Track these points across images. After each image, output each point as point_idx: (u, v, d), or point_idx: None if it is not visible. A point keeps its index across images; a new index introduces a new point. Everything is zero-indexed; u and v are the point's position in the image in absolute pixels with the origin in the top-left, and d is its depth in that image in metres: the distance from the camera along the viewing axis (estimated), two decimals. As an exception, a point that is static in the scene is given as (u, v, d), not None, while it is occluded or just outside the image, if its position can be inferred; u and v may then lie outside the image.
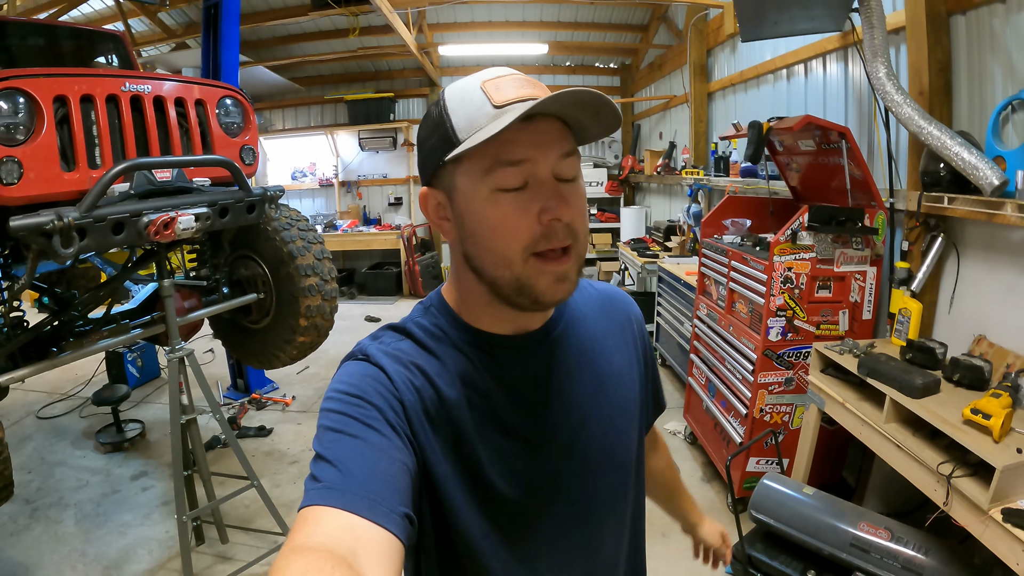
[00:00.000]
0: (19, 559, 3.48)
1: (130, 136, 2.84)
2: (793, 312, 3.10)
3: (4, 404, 5.55)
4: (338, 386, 0.84)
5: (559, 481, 0.93)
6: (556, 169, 0.80)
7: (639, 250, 6.78)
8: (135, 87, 2.86)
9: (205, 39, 4.80)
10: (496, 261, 0.82)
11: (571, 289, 0.85)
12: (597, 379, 0.98)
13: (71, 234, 2.42)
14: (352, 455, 0.74)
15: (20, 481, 4.17)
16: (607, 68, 9.59)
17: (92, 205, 2.49)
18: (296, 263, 3.68)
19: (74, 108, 2.64)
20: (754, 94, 5.23)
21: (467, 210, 0.83)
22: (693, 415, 4.26)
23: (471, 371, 0.89)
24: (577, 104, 0.77)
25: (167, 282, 2.96)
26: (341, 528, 0.67)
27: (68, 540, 3.62)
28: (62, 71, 2.70)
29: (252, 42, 8.38)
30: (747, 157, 3.51)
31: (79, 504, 3.99)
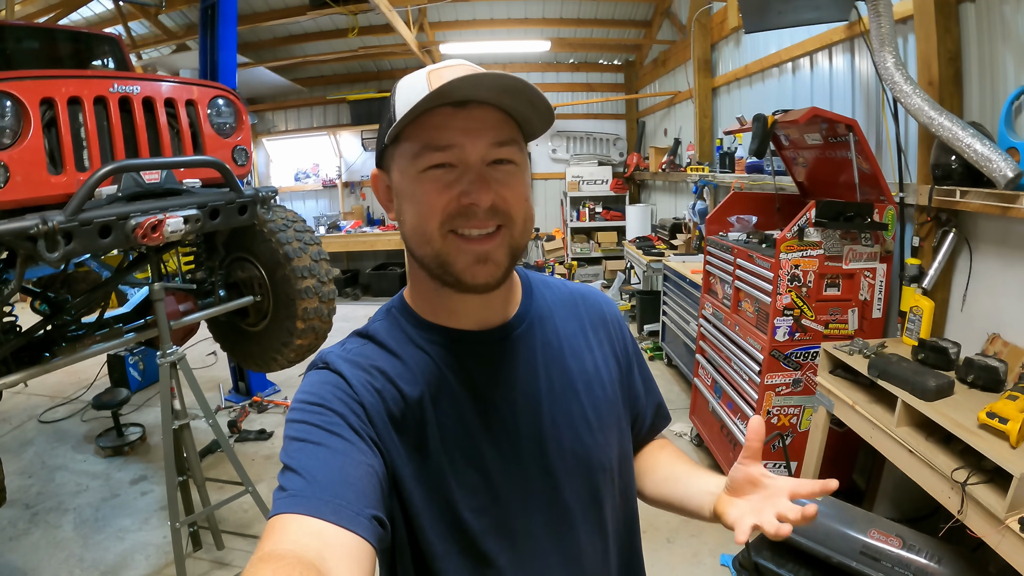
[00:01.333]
0: (18, 564, 3.46)
1: (119, 138, 2.81)
2: (801, 311, 3.01)
3: (6, 408, 5.69)
4: (300, 396, 0.85)
5: (529, 483, 0.91)
6: (486, 155, 0.81)
7: (644, 248, 6.73)
8: (123, 88, 2.83)
9: (203, 40, 4.76)
10: (419, 238, 0.84)
11: (496, 272, 0.84)
12: (566, 378, 0.96)
13: (56, 238, 2.40)
14: (316, 462, 0.75)
15: (20, 486, 4.26)
16: (611, 65, 9.50)
17: (77, 208, 2.47)
18: (292, 265, 3.63)
19: (61, 110, 2.61)
20: (759, 88, 5.15)
21: (399, 189, 0.86)
22: (699, 417, 4.18)
23: (433, 369, 0.89)
24: (506, 90, 0.79)
25: (158, 286, 2.90)
26: (308, 534, 0.67)
27: (66, 545, 3.60)
28: (48, 73, 2.68)
29: (253, 43, 8.35)
30: (752, 152, 3.43)
31: (78, 509, 3.97)
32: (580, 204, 9.61)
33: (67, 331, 3.34)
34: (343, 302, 8.58)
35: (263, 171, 10.57)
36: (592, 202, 9.59)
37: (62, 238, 2.41)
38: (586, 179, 9.44)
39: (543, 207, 10.09)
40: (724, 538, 3.23)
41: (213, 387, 5.91)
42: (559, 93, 9.52)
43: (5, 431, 5.30)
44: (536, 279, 1.04)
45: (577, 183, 9.43)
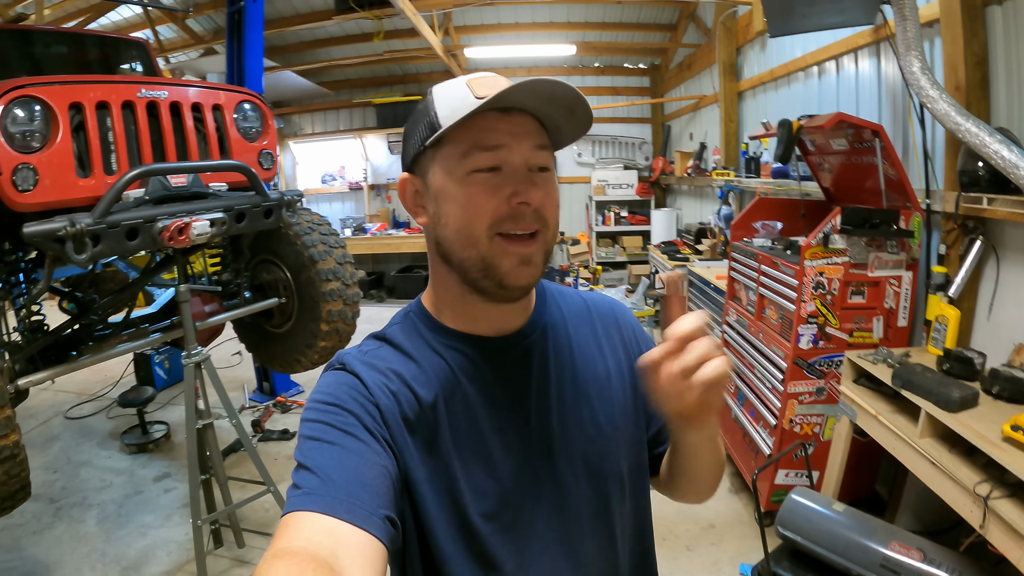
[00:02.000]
0: (40, 557, 3.53)
1: (146, 142, 2.86)
2: (825, 319, 2.97)
3: (33, 404, 5.78)
4: (316, 396, 0.86)
5: (539, 487, 0.92)
6: (530, 158, 0.84)
7: (669, 253, 6.69)
8: (151, 93, 2.88)
9: (230, 45, 4.84)
10: (464, 240, 0.84)
11: (536, 274, 0.87)
12: (577, 384, 0.97)
13: (84, 240, 2.44)
14: (331, 461, 0.76)
15: (45, 480, 4.34)
16: (636, 69, 9.45)
17: (105, 211, 2.52)
18: (317, 267, 3.67)
19: (89, 115, 2.66)
20: (785, 93, 5.09)
21: (442, 190, 0.86)
22: (723, 424, 4.12)
23: (448, 373, 0.90)
24: (552, 98, 0.81)
25: (183, 287, 2.95)
26: (322, 532, 0.68)
27: (89, 540, 3.66)
28: (77, 78, 2.73)
29: (280, 47, 8.45)
30: (777, 157, 3.39)
31: (102, 504, 4.04)
32: (605, 208, 9.55)
33: (94, 330, 3.40)
34: (368, 304, 8.62)
35: (290, 173, 10.68)
36: (617, 206, 9.53)
37: (90, 240, 2.46)
38: (611, 183, 9.38)
39: (568, 211, 10.04)
40: (744, 547, 3.19)
41: (238, 387, 5.99)
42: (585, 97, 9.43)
43: (32, 427, 5.40)
44: (550, 287, 1.05)
45: (603, 187, 9.38)
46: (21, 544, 3.66)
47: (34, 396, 5.91)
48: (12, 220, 2.51)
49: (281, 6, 7.19)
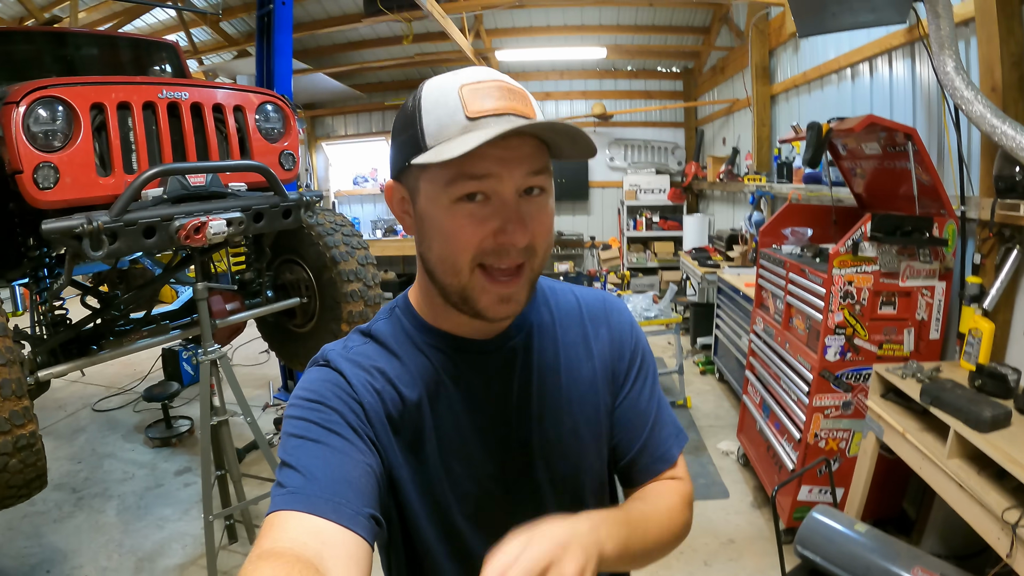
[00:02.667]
0: (59, 545, 3.60)
1: (166, 142, 2.89)
2: (853, 330, 2.86)
3: (63, 396, 5.94)
4: (300, 392, 0.85)
5: (518, 492, 0.93)
6: (522, 184, 0.79)
7: (700, 259, 6.60)
8: (172, 94, 2.91)
9: (259, 47, 4.85)
10: (446, 268, 0.82)
11: (516, 309, 0.84)
12: (561, 391, 0.95)
13: (100, 237, 2.47)
14: (315, 459, 0.75)
15: (69, 471, 4.47)
16: (669, 72, 9.34)
17: (122, 209, 2.55)
18: (339, 268, 3.67)
19: (111, 115, 2.70)
20: (818, 96, 4.97)
21: (427, 215, 0.82)
22: (747, 435, 4.02)
23: (432, 373, 0.89)
24: (552, 128, 0.76)
25: (201, 286, 2.97)
26: (307, 532, 0.67)
27: (107, 530, 3.72)
28: (99, 79, 2.77)
29: (313, 49, 8.53)
30: (806, 161, 3.28)
31: (122, 496, 4.10)
32: (637, 213, 9.46)
33: (115, 326, 3.44)
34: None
35: (322, 174, 10.78)
36: (649, 211, 9.43)
37: (106, 237, 2.49)
38: (643, 188, 9.28)
39: (600, 216, 9.99)
40: (764, 563, 3.09)
41: (263, 384, 6.05)
42: (617, 100, 9.40)
43: (60, 418, 5.53)
44: (542, 283, 1.01)
45: (634, 192, 9.28)
46: (41, 532, 3.74)
47: (64, 388, 6.12)
48: (36, 217, 2.58)
49: (312, 8, 7.25)
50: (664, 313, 5.33)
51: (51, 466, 4.42)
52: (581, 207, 9.99)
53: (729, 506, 3.69)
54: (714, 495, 3.80)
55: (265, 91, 3.42)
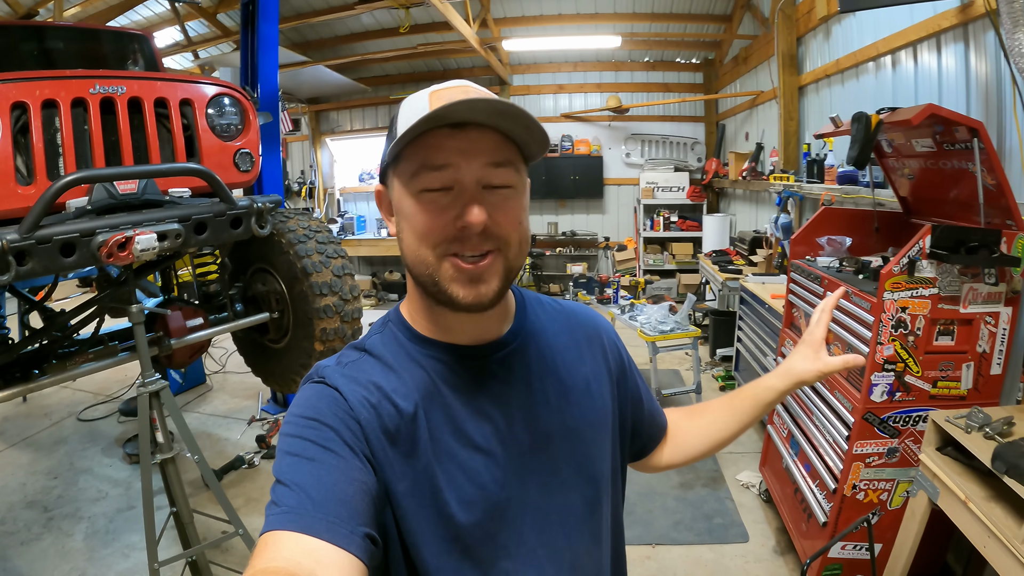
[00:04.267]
0: (22, 570, 3.43)
1: (98, 144, 2.56)
2: (905, 365, 2.39)
3: (50, 403, 5.83)
4: (295, 410, 0.85)
5: (524, 494, 0.91)
6: (483, 177, 0.82)
7: (721, 264, 6.20)
8: (106, 89, 2.56)
9: (244, 38, 4.56)
10: (415, 259, 0.85)
11: (487, 294, 0.84)
12: (560, 391, 0.97)
13: (6, 258, 2.13)
14: (310, 478, 0.75)
15: (44, 487, 4.32)
16: (688, 63, 8.87)
17: (33, 225, 2.21)
18: (311, 280, 3.30)
19: (33, 115, 2.38)
20: (852, 86, 4.52)
21: (399, 210, 0.87)
22: (771, 469, 3.56)
23: (429, 384, 0.89)
24: (502, 113, 0.79)
25: (135, 308, 2.57)
26: (301, 552, 0.68)
27: (72, 556, 3.53)
28: (20, 75, 2.44)
29: (315, 41, 8.22)
30: (850, 160, 2.81)
31: (92, 518, 3.91)
32: (654, 212, 9.08)
33: (59, 347, 3.07)
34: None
35: (327, 171, 10.48)
36: (667, 210, 9.04)
37: (13, 258, 2.15)
38: (661, 185, 8.88)
39: (615, 214, 9.61)
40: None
41: (253, 395, 5.76)
42: (633, 93, 8.98)
43: (43, 427, 5.36)
44: (530, 297, 1.05)
45: (651, 190, 8.87)
46: (7, 554, 3.59)
47: (51, 395, 6.00)
48: None
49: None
50: (681, 326, 4.89)
51: (27, 481, 4.35)
52: (595, 205, 9.59)
53: (748, 552, 3.27)
54: (732, 538, 3.37)
55: (220, 82, 3.04)
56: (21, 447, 4.98)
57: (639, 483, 3.99)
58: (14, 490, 4.26)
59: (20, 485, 4.34)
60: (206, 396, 5.93)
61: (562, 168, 9.24)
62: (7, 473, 4.51)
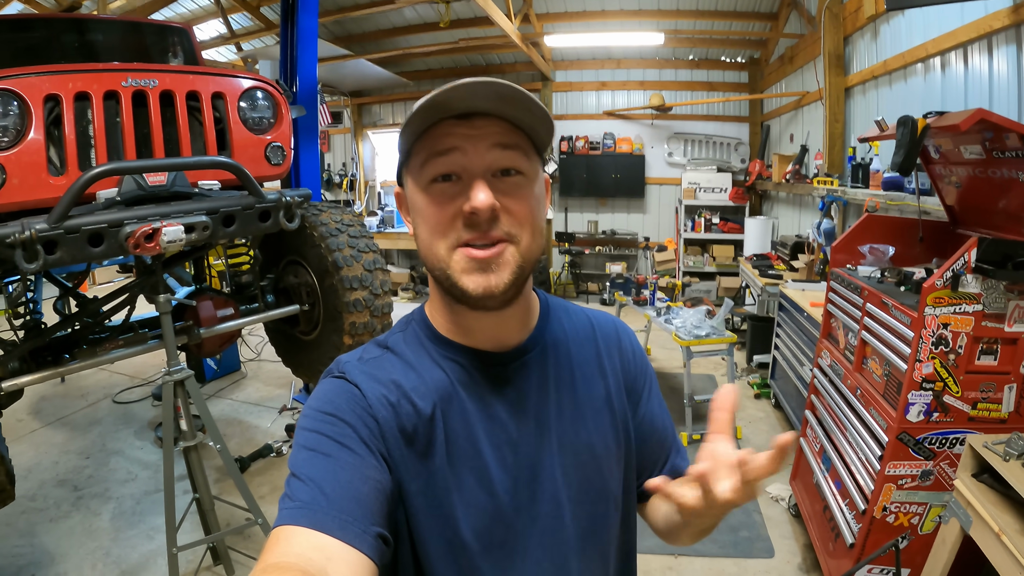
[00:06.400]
0: (49, 547, 3.52)
1: (129, 136, 2.59)
2: (944, 385, 2.27)
3: (87, 384, 6.01)
4: (314, 404, 0.85)
5: (532, 506, 0.90)
6: (491, 161, 0.81)
7: (761, 268, 6.04)
8: (138, 82, 2.59)
9: (283, 31, 4.60)
10: (429, 253, 0.85)
11: (500, 284, 0.82)
12: (576, 405, 0.95)
13: (35, 247, 2.17)
14: (325, 474, 0.76)
15: (76, 466, 4.44)
16: (733, 62, 8.65)
17: (62, 215, 2.25)
18: (341, 274, 3.32)
19: (66, 107, 2.43)
20: (900, 89, 4.34)
21: (412, 204, 0.87)
22: (801, 483, 3.45)
23: (447, 386, 0.89)
24: (502, 97, 0.78)
25: (163, 298, 2.61)
26: (313, 548, 0.68)
27: (99, 535, 3.61)
28: (55, 68, 2.48)
29: (357, 35, 8.27)
30: (895, 166, 2.68)
31: (120, 499, 4.00)
32: (696, 213, 8.88)
33: (90, 333, 3.14)
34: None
35: (368, 164, 10.56)
36: (709, 212, 8.83)
37: (43, 247, 2.19)
38: (703, 186, 8.69)
39: (656, 214, 9.45)
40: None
41: (285, 384, 5.84)
42: (677, 92, 8.80)
43: (79, 407, 5.50)
44: (555, 304, 1.04)
45: (693, 190, 8.69)
46: (36, 531, 3.69)
47: (89, 376, 6.15)
48: None
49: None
50: (717, 331, 4.78)
51: (60, 460, 4.46)
52: (636, 205, 9.45)
53: (773, 568, 3.18)
54: (757, 553, 3.28)
55: (254, 75, 3.06)
56: (56, 426, 5.12)
57: (665, 491, 3.92)
58: (46, 468, 4.38)
59: (53, 463, 4.46)
60: (240, 383, 6.03)
61: (604, 166, 9.14)
62: (41, 451, 4.64)
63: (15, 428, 4.98)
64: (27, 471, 4.24)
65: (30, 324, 3.02)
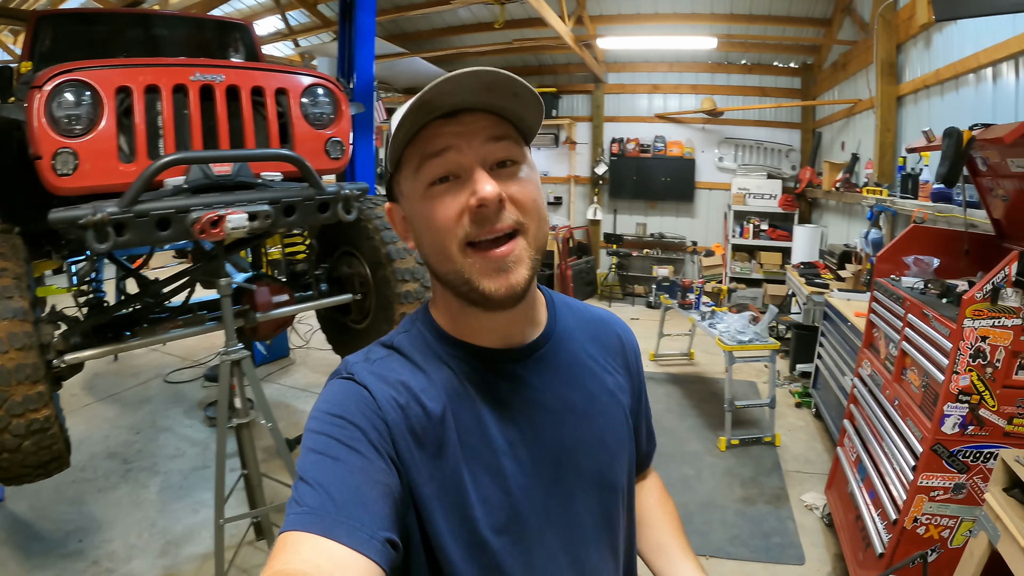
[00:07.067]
0: (97, 515, 3.68)
1: (196, 127, 2.73)
2: (980, 398, 2.27)
3: (139, 363, 6.19)
4: (323, 406, 0.84)
5: (548, 501, 0.91)
6: (486, 154, 0.81)
7: (808, 277, 5.95)
8: (206, 76, 2.74)
9: (341, 29, 4.77)
10: (439, 258, 0.84)
11: (521, 282, 0.82)
12: (587, 399, 0.97)
13: (105, 229, 2.33)
14: (333, 478, 0.75)
15: (126, 440, 4.65)
16: (786, 68, 8.52)
17: (132, 199, 2.40)
18: (394, 266, 3.44)
19: (137, 99, 2.58)
20: (951, 99, 4.24)
21: (411, 213, 0.86)
22: (836, 493, 3.45)
23: (457, 386, 0.88)
24: (490, 87, 0.79)
25: (224, 282, 2.76)
26: (320, 555, 0.68)
27: (145, 507, 3.78)
28: (127, 62, 2.64)
29: (412, 33, 8.41)
30: (940, 177, 2.69)
31: (168, 473, 4.17)
32: (744, 219, 8.77)
33: (151, 313, 3.31)
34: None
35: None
36: (758, 218, 8.72)
37: (113, 229, 2.34)
38: (753, 192, 8.59)
39: (704, 219, 9.39)
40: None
41: (331, 372, 5.87)
42: (728, 96, 8.73)
43: (131, 385, 5.71)
44: (559, 300, 1.04)
45: (743, 196, 8.61)
46: (85, 499, 3.85)
47: (141, 356, 6.38)
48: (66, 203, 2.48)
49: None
50: (760, 338, 4.77)
51: (110, 434, 4.65)
52: (685, 209, 9.41)
53: (802, 575, 3.18)
54: (787, 559, 3.28)
55: (315, 73, 3.19)
56: (108, 402, 5.31)
57: (701, 493, 3.95)
58: (97, 441, 4.56)
59: (103, 437, 4.64)
60: (288, 369, 6.19)
61: (654, 169, 9.13)
62: (92, 425, 4.82)
63: (69, 402, 5.16)
64: (79, 443, 4.37)
65: (93, 302, 3.18)
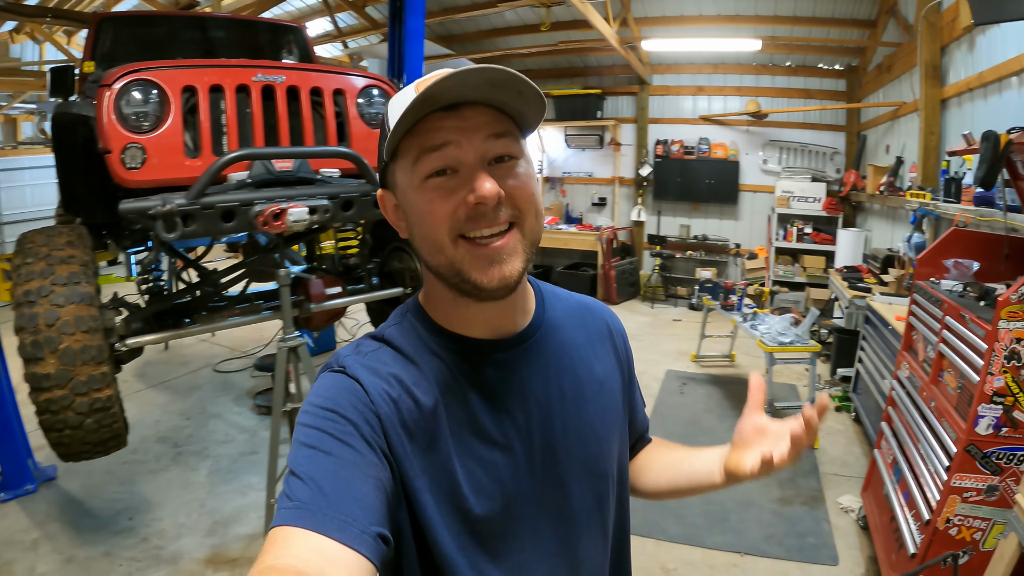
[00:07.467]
0: (147, 495, 3.84)
1: (258, 125, 2.88)
2: (1015, 400, 2.30)
3: (189, 353, 6.43)
4: (314, 399, 0.83)
5: (540, 489, 0.92)
6: (485, 151, 0.80)
7: (851, 281, 5.91)
8: (267, 77, 2.89)
9: (391, 31, 4.89)
10: (430, 248, 0.83)
11: (514, 274, 0.83)
12: (577, 386, 0.97)
13: (174, 220, 2.49)
14: (325, 473, 0.74)
15: (176, 426, 4.84)
16: (831, 70, 8.42)
17: (199, 192, 2.56)
18: None
19: (202, 98, 2.73)
20: (995, 102, 4.18)
21: (405, 203, 0.86)
22: (872, 495, 3.46)
23: (448, 377, 0.88)
24: (494, 84, 0.78)
25: (283, 272, 2.92)
26: (311, 550, 0.67)
27: (194, 489, 3.92)
28: (192, 62, 2.80)
29: (459, 35, 8.55)
30: (978, 180, 2.73)
31: (217, 458, 4.31)
32: (788, 222, 8.66)
33: (209, 301, 3.49)
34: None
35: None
36: (801, 221, 8.60)
37: (180, 219, 2.50)
38: (797, 195, 8.49)
39: (748, 222, 9.31)
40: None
41: None
42: (773, 99, 8.66)
43: (181, 374, 5.92)
44: (546, 289, 1.04)
45: (787, 199, 8.51)
46: (136, 479, 4.00)
47: (191, 346, 6.62)
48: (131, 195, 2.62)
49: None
50: (801, 340, 4.78)
51: (161, 419, 4.83)
52: (729, 211, 9.36)
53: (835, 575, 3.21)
54: (821, 559, 3.31)
55: (371, 75, 3.36)
56: (159, 389, 5.52)
57: (737, 492, 3.96)
58: (148, 425, 4.75)
59: (154, 422, 4.83)
60: (335, 362, 6.38)
61: (698, 171, 9.11)
62: (144, 410, 5.01)
63: (122, 388, 5.24)
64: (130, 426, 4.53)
65: (154, 290, 3.36)
